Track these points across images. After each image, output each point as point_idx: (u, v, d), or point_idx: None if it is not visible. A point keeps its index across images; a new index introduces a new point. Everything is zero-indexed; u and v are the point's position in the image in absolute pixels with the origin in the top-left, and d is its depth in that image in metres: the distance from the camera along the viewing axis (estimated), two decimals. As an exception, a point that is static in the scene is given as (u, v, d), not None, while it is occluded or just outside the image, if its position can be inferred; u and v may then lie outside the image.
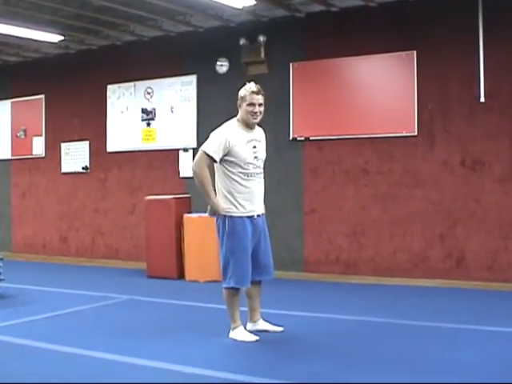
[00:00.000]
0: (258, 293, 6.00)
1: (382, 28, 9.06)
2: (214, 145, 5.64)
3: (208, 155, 5.64)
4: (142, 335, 6.03)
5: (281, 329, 5.97)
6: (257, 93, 5.78)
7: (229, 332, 5.83)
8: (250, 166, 5.72)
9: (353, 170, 9.33)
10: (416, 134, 8.86)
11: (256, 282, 5.88)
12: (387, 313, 6.89)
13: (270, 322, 6.02)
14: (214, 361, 5.13)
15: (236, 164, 5.67)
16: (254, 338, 5.73)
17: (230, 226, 5.69)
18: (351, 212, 9.34)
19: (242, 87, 5.92)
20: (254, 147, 5.78)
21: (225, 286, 5.78)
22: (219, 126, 5.88)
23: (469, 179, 8.62)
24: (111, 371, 4.90)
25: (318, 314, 6.88)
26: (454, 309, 7.19)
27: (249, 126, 5.81)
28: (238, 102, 5.82)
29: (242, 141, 5.71)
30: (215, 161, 5.67)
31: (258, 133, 5.94)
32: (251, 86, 5.83)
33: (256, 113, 5.76)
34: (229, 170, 5.69)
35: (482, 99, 8.36)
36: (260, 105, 5.78)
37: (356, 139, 9.26)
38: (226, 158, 5.66)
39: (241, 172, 5.68)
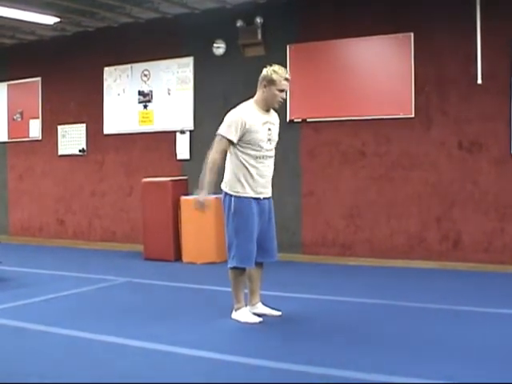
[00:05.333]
0: (260, 275, 5.97)
1: (379, 10, 9.02)
2: (231, 127, 5.57)
3: (226, 138, 5.59)
4: (139, 317, 6.05)
5: (279, 313, 5.95)
6: (288, 80, 5.74)
7: (231, 313, 5.84)
8: (263, 149, 5.66)
9: (350, 152, 9.33)
10: (413, 115, 8.86)
11: (258, 264, 5.85)
12: (384, 294, 6.91)
13: (269, 306, 6.03)
14: (211, 342, 5.14)
15: (249, 145, 5.61)
16: (257, 319, 5.73)
17: (235, 206, 5.64)
18: (348, 194, 9.35)
19: (265, 67, 5.79)
20: (269, 129, 5.72)
21: (228, 265, 5.77)
22: (233, 107, 5.83)
23: (466, 161, 8.62)
24: (109, 353, 4.91)
25: (315, 296, 6.89)
26: (450, 290, 7.21)
27: (267, 108, 5.76)
28: (264, 82, 5.69)
29: (258, 122, 5.65)
30: (233, 143, 5.60)
31: (274, 116, 5.88)
32: (283, 72, 5.71)
33: (283, 98, 5.76)
34: (241, 151, 5.62)
35: (479, 81, 8.34)
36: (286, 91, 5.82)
37: (353, 121, 9.24)
38: (241, 138, 5.61)
39: (253, 154, 5.62)
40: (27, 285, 7.72)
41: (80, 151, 11.69)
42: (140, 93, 10.97)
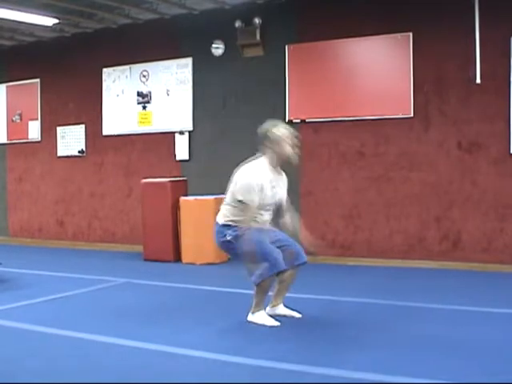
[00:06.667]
0: (293, 278, 5.92)
1: (378, 10, 9.02)
2: (247, 190, 5.56)
3: (249, 204, 5.58)
4: (139, 318, 6.04)
5: (299, 315, 5.91)
6: (296, 137, 5.80)
7: (246, 315, 5.78)
8: (266, 204, 5.71)
9: (349, 152, 9.33)
10: (412, 115, 8.86)
11: (293, 267, 5.82)
12: (384, 294, 6.91)
13: (289, 307, 5.99)
14: (211, 343, 5.14)
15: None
16: (275, 322, 5.66)
17: (236, 232, 5.64)
18: (347, 194, 9.35)
19: (266, 129, 5.76)
20: (274, 187, 5.72)
21: (270, 274, 5.59)
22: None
23: (465, 161, 8.62)
24: (109, 354, 4.91)
25: (314, 296, 6.89)
26: (450, 290, 7.21)
27: (276, 167, 5.78)
28: (273, 143, 5.68)
29: (268, 182, 5.66)
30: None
31: (281, 177, 5.90)
32: (292, 130, 5.81)
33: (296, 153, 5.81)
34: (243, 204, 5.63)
35: (478, 81, 8.35)
36: None
37: (352, 121, 9.25)
38: None
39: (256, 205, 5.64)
40: (27, 286, 7.71)
41: (79, 152, 11.69)
42: (139, 94, 10.97)
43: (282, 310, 5.97)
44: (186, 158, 10.54)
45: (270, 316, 5.79)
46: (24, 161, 12.42)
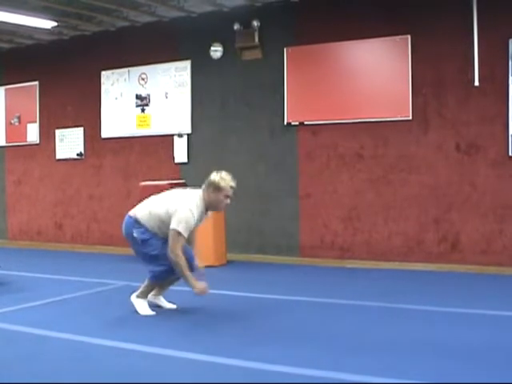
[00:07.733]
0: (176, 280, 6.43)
1: (376, 12, 9.03)
2: (187, 226, 5.92)
3: (183, 236, 5.92)
4: (138, 321, 6.04)
5: (174, 306, 6.46)
6: (233, 188, 6.05)
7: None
8: None
9: (347, 154, 9.34)
10: (410, 118, 8.87)
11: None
12: (381, 297, 6.91)
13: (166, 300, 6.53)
14: (209, 346, 5.13)
15: None
16: (150, 312, 6.23)
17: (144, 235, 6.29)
18: (346, 196, 9.35)
19: (216, 176, 6.05)
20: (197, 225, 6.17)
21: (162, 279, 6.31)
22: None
23: (463, 163, 8.63)
24: (108, 357, 4.90)
25: (312, 299, 6.88)
26: (448, 293, 7.21)
27: (209, 209, 6.18)
28: (210, 188, 6.01)
29: (199, 222, 6.12)
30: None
31: (206, 216, 6.32)
32: (230, 180, 6.04)
33: (227, 205, 6.14)
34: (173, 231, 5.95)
35: (477, 83, 8.36)
36: None
37: (350, 124, 9.25)
38: None
39: None
40: (25, 289, 7.70)
41: (78, 155, 11.69)
42: (137, 96, 10.97)
43: (161, 301, 6.50)
44: (185, 160, 10.54)
45: (150, 302, 6.38)
46: (23, 163, 12.42)
